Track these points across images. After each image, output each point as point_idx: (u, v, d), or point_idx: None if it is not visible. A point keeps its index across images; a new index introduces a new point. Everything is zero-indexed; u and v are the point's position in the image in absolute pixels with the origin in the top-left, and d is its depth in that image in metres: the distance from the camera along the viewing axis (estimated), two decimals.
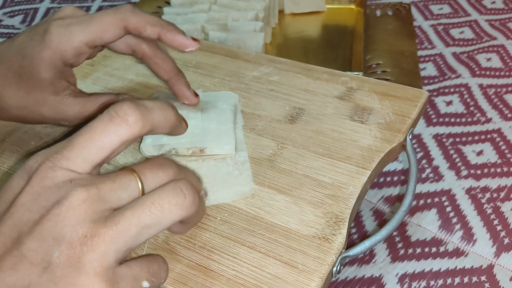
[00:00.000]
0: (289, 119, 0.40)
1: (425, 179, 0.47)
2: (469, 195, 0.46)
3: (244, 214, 0.32)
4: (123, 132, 0.24)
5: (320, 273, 0.28)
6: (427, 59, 0.65)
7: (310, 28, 0.70)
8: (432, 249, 0.41)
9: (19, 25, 0.76)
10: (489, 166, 0.48)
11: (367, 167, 0.35)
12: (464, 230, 0.42)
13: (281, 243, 0.30)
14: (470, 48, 0.66)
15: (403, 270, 0.39)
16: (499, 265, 0.40)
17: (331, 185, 0.34)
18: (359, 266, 0.40)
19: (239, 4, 0.65)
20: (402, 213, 0.34)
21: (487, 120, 0.54)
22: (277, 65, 0.46)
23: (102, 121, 0.25)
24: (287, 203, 0.33)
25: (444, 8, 0.76)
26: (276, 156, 0.37)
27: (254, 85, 0.44)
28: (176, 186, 0.25)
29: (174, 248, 0.30)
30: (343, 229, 0.31)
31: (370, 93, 0.42)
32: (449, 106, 0.57)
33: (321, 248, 0.30)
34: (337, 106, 0.41)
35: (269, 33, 0.66)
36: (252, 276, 0.28)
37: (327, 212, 0.32)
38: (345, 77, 0.44)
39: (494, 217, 0.43)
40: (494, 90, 0.58)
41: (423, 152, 0.51)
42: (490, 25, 0.71)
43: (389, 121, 0.39)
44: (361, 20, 0.68)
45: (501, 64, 0.63)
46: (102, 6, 0.81)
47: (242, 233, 0.31)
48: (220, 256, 0.30)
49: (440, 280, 0.39)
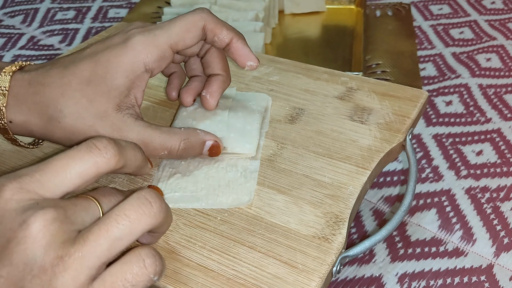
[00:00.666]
0: (289, 119, 0.40)
1: (425, 179, 0.47)
2: (468, 195, 0.46)
3: (244, 214, 0.32)
4: (100, 164, 0.25)
5: (320, 273, 0.29)
6: (426, 59, 0.65)
7: (310, 28, 0.70)
8: (431, 249, 0.41)
9: (19, 25, 0.76)
10: (489, 166, 0.49)
11: (367, 167, 0.35)
12: (463, 230, 0.42)
13: (281, 243, 0.30)
14: (470, 48, 0.66)
15: (403, 270, 0.40)
16: (499, 264, 0.40)
17: (331, 185, 0.34)
18: (359, 266, 0.40)
19: (239, 4, 0.65)
20: (402, 213, 0.34)
21: (486, 120, 0.54)
22: (277, 65, 0.46)
23: (80, 150, 0.25)
24: (287, 203, 0.33)
25: (443, 8, 0.76)
26: (276, 156, 0.37)
27: (254, 85, 0.44)
28: (140, 196, 0.25)
29: (174, 248, 0.30)
30: (343, 229, 0.31)
31: (370, 93, 0.42)
32: (448, 106, 0.57)
33: (321, 248, 0.30)
34: (337, 106, 0.41)
35: (269, 33, 0.66)
36: (252, 276, 0.29)
37: (327, 212, 0.32)
38: (345, 77, 0.44)
39: (493, 217, 0.43)
40: (494, 90, 0.59)
41: (422, 152, 0.51)
42: (489, 25, 0.71)
43: (389, 121, 0.39)
44: (361, 20, 0.68)
45: (500, 64, 0.63)
46: (102, 6, 0.81)
47: (242, 233, 0.31)
48: (220, 256, 0.30)
49: (439, 280, 0.39)
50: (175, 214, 0.32)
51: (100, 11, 0.80)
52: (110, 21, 0.77)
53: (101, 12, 0.79)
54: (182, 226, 0.32)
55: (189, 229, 0.31)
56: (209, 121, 0.38)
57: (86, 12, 0.79)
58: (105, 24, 0.76)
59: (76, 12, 0.80)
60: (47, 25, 0.76)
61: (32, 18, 0.78)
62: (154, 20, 0.66)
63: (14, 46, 0.71)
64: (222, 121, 0.38)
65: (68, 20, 0.77)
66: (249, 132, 0.37)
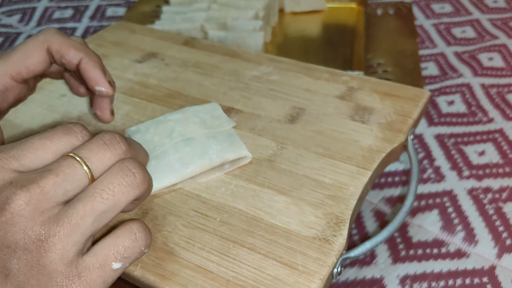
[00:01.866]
0: (289, 119, 0.40)
1: (426, 180, 0.47)
2: (471, 195, 0.45)
3: (243, 215, 0.32)
4: (75, 144, 0.25)
5: (321, 275, 0.28)
6: (428, 59, 0.64)
7: (311, 27, 0.70)
8: (433, 250, 0.41)
9: (17, 24, 0.76)
10: (491, 167, 0.48)
11: (368, 167, 0.35)
12: (466, 231, 0.42)
13: (281, 244, 0.30)
14: (472, 47, 0.66)
15: (404, 272, 0.39)
16: (501, 266, 0.39)
17: (332, 185, 0.34)
18: (359, 268, 0.40)
19: (238, 3, 0.65)
20: (404, 214, 0.34)
21: (489, 120, 0.54)
22: (277, 64, 0.46)
23: (58, 132, 0.25)
24: (287, 204, 0.32)
25: (445, 7, 0.76)
26: (276, 157, 0.36)
27: (254, 85, 0.44)
28: (123, 167, 0.24)
29: (173, 250, 0.30)
30: (344, 230, 0.31)
31: (371, 92, 0.42)
32: (450, 106, 0.56)
33: (321, 250, 0.29)
34: (337, 106, 0.41)
35: (269, 32, 0.66)
36: (252, 278, 0.28)
37: (327, 213, 0.32)
38: (345, 77, 0.44)
39: (496, 218, 0.43)
40: (496, 90, 0.58)
41: (424, 153, 0.50)
42: (492, 24, 0.71)
43: (390, 121, 0.39)
44: (362, 19, 0.68)
45: (503, 63, 0.62)
46: (100, 5, 0.80)
47: (242, 234, 0.31)
48: (219, 257, 0.29)
49: (441, 282, 0.38)
50: (173, 215, 0.32)
51: (98, 10, 0.79)
52: (109, 20, 0.76)
53: (99, 11, 0.79)
54: (181, 227, 0.31)
55: (188, 230, 0.31)
56: (189, 148, 0.35)
57: (84, 11, 0.79)
58: (103, 23, 0.76)
59: (74, 11, 0.79)
60: (45, 24, 0.76)
61: (29, 17, 0.78)
62: (153, 19, 0.65)
63: (11, 46, 0.70)
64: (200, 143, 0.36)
65: (66, 19, 0.77)
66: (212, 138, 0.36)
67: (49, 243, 0.22)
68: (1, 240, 0.22)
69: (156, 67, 0.47)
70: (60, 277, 0.22)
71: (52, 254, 0.22)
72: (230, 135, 0.37)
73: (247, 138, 0.38)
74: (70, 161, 0.24)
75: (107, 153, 0.25)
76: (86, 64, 0.34)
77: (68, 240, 0.22)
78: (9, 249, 0.22)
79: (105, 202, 0.24)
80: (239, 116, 0.40)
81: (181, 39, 0.51)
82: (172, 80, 0.45)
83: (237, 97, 0.42)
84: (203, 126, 0.37)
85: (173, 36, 0.52)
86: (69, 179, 0.24)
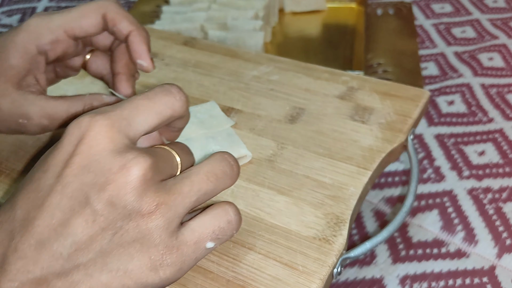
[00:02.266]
0: (289, 119, 0.40)
1: (426, 180, 0.47)
2: (471, 195, 0.45)
3: (243, 215, 0.32)
4: (176, 107, 0.26)
5: (321, 275, 0.28)
6: (428, 59, 0.64)
7: (311, 27, 0.70)
8: (433, 250, 0.41)
9: (17, 24, 0.76)
10: (491, 167, 0.48)
11: (368, 167, 0.35)
12: (466, 231, 0.42)
13: (281, 244, 0.30)
14: (472, 47, 0.66)
15: (404, 272, 0.39)
16: (501, 266, 0.39)
17: (332, 185, 0.34)
18: (359, 268, 0.40)
19: (238, 3, 0.65)
20: (404, 214, 0.34)
21: (489, 120, 0.54)
22: (277, 64, 0.46)
23: (158, 93, 0.26)
24: (287, 204, 0.32)
25: (445, 7, 0.76)
26: (276, 157, 0.36)
27: (254, 85, 0.44)
28: (224, 158, 0.26)
29: None
30: (344, 230, 0.31)
31: (371, 92, 0.42)
32: (450, 106, 0.56)
33: (321, 250, 0.29)
34: (337, 106, 0.41)
35: (269, 32, 0.66)
36: (251, 278, 0.28)
37: (327, 213, 0.32)
38: (345, 77, 0.44)
39: (496, 218, 0.43)
40: (496, 90, 0.58)
41: (424, 153, 0.50)
42: (492, 24, 0.71)
43: (390, 121, 0.39)
44: (362, 19, 0.68)
45: (503, 63, 0.62)
46: None
47: (242, 234, 0.31)
48: (219, 257, 0.29)
49: (441, 282, 0.38)
50: None
51: None
52: None
53: None
54: None
55: None
56: None
57: None
58: None
59: None
60: None
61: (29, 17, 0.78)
62: (153, 19, 0.65)
63: None
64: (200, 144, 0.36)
65: None
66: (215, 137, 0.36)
67: (161, 210, 0.23)
68: (118, 198, 0.23)
69: (156, 67, 0.47)
70: (162, 245, 0.23)
71: (160, 222, 0.23)
72: (229, 134, 0.37)
73: (247, 138, 0.38)
74: (168, 151, 0.26)
75: (191, 157, 0.28)
76: (135, 37, 0.35)
77: (175, 210, 0.24)
78: (124, 208, 0.23)
79: (208, 185, 0.25)
80: (239, 116, 0.40)
81: (181, 39, 0.51)
82: (172, 80, 0.45)
83: (237, 97, 0.42)
84: (202, 126, 0.37)
85: (173, 36, 0.52)
86: (168, 162, 0.26)
